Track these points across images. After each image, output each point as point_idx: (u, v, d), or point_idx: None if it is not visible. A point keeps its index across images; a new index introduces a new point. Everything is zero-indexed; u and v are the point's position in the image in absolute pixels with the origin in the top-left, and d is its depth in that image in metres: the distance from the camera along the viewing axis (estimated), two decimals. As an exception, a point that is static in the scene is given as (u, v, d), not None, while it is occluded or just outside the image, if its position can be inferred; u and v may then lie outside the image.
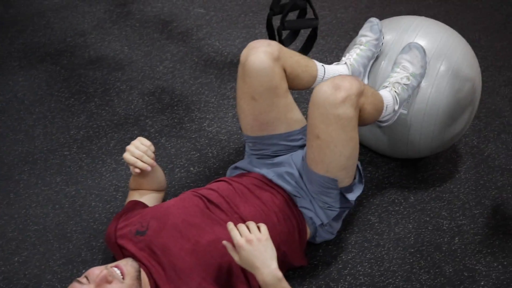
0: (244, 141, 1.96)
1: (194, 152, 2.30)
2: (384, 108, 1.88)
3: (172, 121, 2.44)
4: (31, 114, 2.48)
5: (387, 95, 1.89)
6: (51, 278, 1.87)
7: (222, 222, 1.73)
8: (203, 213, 1.76)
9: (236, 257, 1.57)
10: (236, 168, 2.00)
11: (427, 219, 2.09)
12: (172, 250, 1.67)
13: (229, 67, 2.73)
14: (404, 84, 1.92)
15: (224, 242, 1.59)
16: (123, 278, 1.58)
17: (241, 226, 1.56)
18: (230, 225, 1.57)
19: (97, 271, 1.57)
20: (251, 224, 1.57)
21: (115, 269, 1.59)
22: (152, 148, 1.79)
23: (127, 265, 1.61)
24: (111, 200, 2.11)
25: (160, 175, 1.97)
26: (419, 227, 2.06)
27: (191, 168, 2.24)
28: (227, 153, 2.30)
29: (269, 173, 1.89)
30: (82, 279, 1.56)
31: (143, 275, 1.66)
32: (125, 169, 2.22)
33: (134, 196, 1.95)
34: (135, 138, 1.80)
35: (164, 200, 2.03)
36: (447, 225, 2.07)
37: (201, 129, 2.40)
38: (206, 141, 2.35)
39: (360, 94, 1.67)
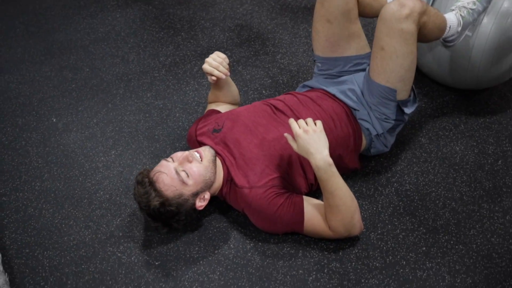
0: (313, 63, 2.28)
1: (267, 78, 2.64)
2: (447, 29, 2.13)
3: (249, 53, 2.79)
4: (126, 43, 2.89)
5: (452, 17, 2.15)
6: (140, 167, 2.27)
7: (286, 124, 2.06)
8: (270, 116, 2.10)
9: (294, 146, 1.89)
10: (304, 86, 2.32)
11: (474, 144, 2.33)
12: (242, 143, 2.02)
13: (303, 11, 3.05)
14: (470, 8, 2.16)
15: (285, 134, 1.92)
16: (201, 160, 1.94)
17: (300, 121, 1.89)
18: (291, 120, 1.89)
19: (179, 154, 1.95)
20: (309, 119, 1.89)
21: (195, 153, 1.96)
22: (227, 60, 2.14)
23: (205, 150, 1.98)
24: (193, 112, 2.49)
25: (234, 90, 2.32)
26: (466, 150, 2.30)
27: (263, 91, 2.58)
28: (296, 81, 2.62)
29: (333, 89, 2.20)
30: (169, 158, 1.94)
31: (218, 162, 2.02)
32: (206, 89, 2.60)
33: (211, 107, 2.32)
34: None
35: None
36: (492, 150, 2.30)
37: (274, 61, 2.74)
38: (278, 71, 2.68)
39: (423, 13, 1.95)
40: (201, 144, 2.12)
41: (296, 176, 2.03)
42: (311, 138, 1.85)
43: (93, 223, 2.08)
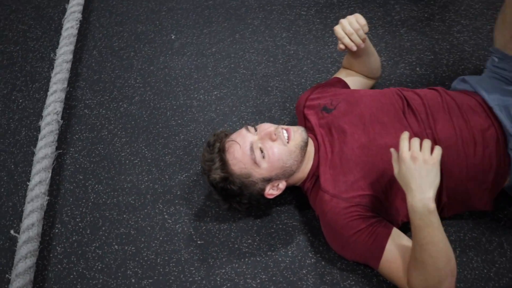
0: (489, 56, 1.72)
1: (429, 53, 2.10)
2: None
3: (421, 15, 2.24)
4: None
5: None
6: (236, 120, 1.97)
7: (410, 130, 1.58)
8: (395, 115, 1.63)
9: (396, 169, 1.45)
10: (463, 80, 1.78)
11: None
12: (347, 137, 1.62)
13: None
14: None
15: (392, 149, 1.46)
16: (288, 142, 1.57)
17: (415, 140, 1.42)
18: (405, 134, 1.43)
19: (266, 126, 1.60)
20: (426, 143, 1.41)
21: (284, 131, 1.59)
22: (366, 29, 1.68)
23: (297, 132, 1.61)
24: (323, 70, 2.09)
25: (374, 61, 1.86)
26: None
27: (417, 69, 2.06)
28: (463, 67, 2.05)
29: (494, 100, 1.65)
30: (251, 128, 1.60)
31: (311, 149, 1.64)
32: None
33: (341, 74, 1.89)
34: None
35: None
36: None
37: (448, 32, 2.16)
38: (448, 47, 2.11)
39: None
40: (305, 118, 1.75)
41: (395, 200, 1.58)
42: (418, 170, 1.39)
43: (157, 170, 1.86)
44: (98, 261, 1.68)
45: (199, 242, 1.70)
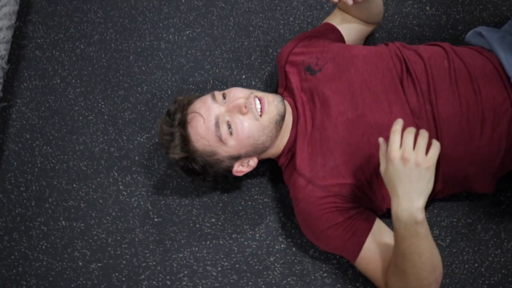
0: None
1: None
2: None
3: None
4: None
5: None
6: (209, 69, 1.72)
7: (406, 106, 1.32)
8: (391, 83, 1.37)
9: (382, 165, 1.21)
10: (480, 34, 1.47)
11: None
12: (331, 109, 1.37)
13: None
14: None
15: (380, 140, 1.21)
16: (260, 116, 1.32)
17: (408, 135, 1.15)
18: (396, 125, 1.17)
19: (236, 93, 1.35)
20: (422, 140, 1.15)
21: (257, 101, 1.33)
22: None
23: (272, 103, 1.36)
24: (315, 7, 1.79)
25: (376, 6, 1.55)
26: None
27: (427, 7, 1.74)
28: (482, 10, 1.70)
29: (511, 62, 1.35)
30: (219, 95, 1.35)
31: (288, 120, 1.41)
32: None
33: (335, 18, 1.60)
34: None
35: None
36: None
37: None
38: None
39: None
40: (286, 76, 1.48)
41: (381, 188, 1.36)
42: (407, 173, 1.15)
43: (114, 129, 1.63)
44: (43, 239, 1.50)
45: (156, 219, 1.51)
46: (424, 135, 1.16)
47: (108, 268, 1.46)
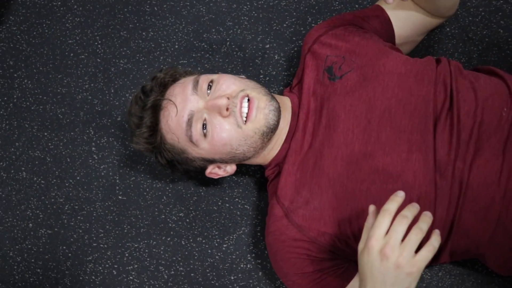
0: None
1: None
2: None
3: None
4: None
5: None
6: (211, 24, 1.42)
7: (432, 156, 1.05)
8: (421, 121, 1.09)
9: (361, 243, 0.94)
10: None
11: None
12: (337, 135, 1.12)
13: None
14: None
15: (371, 208, 0.95)
16: (245, 122, 1.07)
17: (400, 224, 0.89)
18: (391, 203, 0.90)
19: (226, 87, 1.10)
20: (414, 235, 0.89)
21: (246, 103, 1.08)
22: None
23: (263, 110, 1.11)
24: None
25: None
26: None
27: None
28: None
29: None
30: (204, 83, 1.12)
31: (282, 132, 1.15)
32: None
33: (388, 5, 1.26)
34: None
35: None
36: None
37: None
38: None
39: None
40: (304, 66, 1.21)
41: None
42: (382, 272, 0.91)
43: (103, 78, 1.44)
44: (-2, 187, 1.38)
45: (120, 197, 1.34)
46: (421, 226, 0.89)
47: (57, 238, 1.33)
